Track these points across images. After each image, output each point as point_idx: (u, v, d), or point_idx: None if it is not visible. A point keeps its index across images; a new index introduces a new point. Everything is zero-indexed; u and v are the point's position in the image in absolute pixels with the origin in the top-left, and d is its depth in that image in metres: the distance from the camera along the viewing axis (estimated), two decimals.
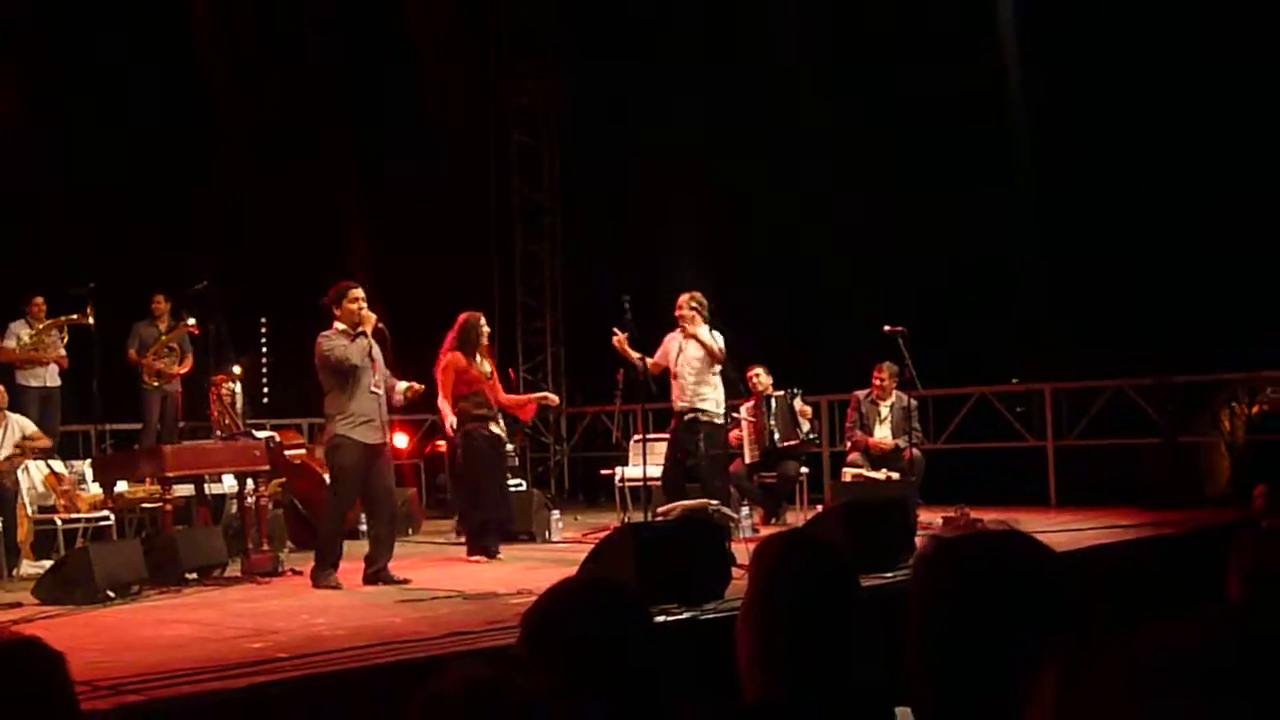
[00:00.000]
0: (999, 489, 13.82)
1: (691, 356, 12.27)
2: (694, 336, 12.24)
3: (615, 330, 12.22)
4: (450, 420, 11.57)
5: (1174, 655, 1.29)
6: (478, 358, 11.75)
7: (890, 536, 9.19)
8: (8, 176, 14.79)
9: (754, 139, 17.45)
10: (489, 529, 11.54)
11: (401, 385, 10.51)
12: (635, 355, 12.28)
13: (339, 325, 10.21)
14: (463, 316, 11.89)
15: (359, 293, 10.27)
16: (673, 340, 12.45)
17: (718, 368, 12.38)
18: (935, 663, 2.24)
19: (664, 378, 12.60)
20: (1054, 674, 1.40)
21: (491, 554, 11.35)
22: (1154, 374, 14.39)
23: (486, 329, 12.02)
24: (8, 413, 12.61)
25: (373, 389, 10.15)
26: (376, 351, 10.29)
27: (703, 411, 12.30)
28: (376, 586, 9.93)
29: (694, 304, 12.35)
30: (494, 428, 11.75)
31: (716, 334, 12.36)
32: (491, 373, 11.98)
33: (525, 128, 19.98)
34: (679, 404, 12.40)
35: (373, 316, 10.23)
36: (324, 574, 10.03)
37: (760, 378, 13.90)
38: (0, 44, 15.31)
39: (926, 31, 16.75)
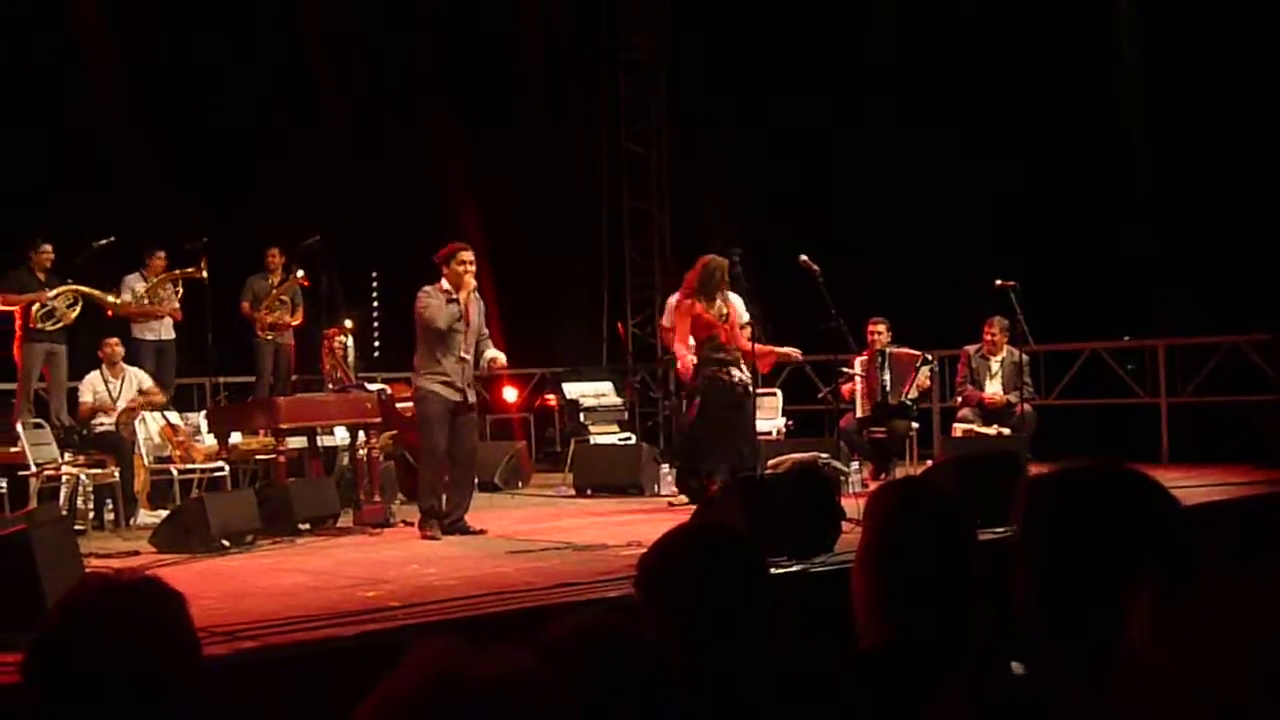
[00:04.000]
0: (1111, 445, 13.60)
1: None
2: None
3: None
4: (688, 360, 11.29)
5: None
6: (718, 300, 11.35)
7: (1001, 491, 9.06)
8: (125, 133, 14.98)
9: (872, 92, 17.24)
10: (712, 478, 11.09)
11: (488, 354, 10.51)
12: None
13: (443, 284, 10.32)
14: (706, 258, 11.56)
15: (469, 255, 10.35)
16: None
17: None
18: (1044, 594, 2.23)
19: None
20: (1150, 591, 1.39)
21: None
22: (1270, 330, 14.12)
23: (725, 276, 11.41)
24: (125, 366, 12.81)
25: (463, 354, 10.26)
26: (474, 314, 10.37)
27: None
28: (475, 536, 10.08)
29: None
30: (735, 372, 11.25)
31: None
32: (728, 314, 11.40)
33: (633, 80, 19.85)
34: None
35: (472, 283, 10.31)
36: (428, 523, 10.19)
37: (881, 334, 13.60)
38: (116, 16, 15.45)
39: None
